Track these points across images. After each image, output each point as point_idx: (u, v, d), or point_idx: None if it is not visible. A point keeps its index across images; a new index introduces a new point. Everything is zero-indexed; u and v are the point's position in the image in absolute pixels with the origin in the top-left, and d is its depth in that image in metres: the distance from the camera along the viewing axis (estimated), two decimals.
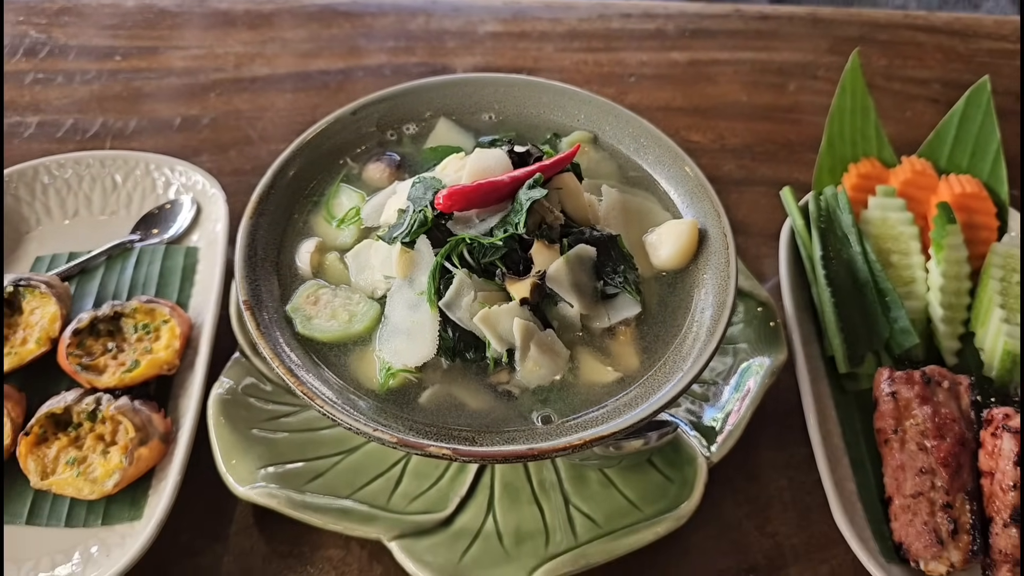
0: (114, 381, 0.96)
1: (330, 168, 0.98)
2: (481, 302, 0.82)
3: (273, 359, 0.79)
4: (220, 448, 0.91)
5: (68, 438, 0.93)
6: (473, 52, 1.44)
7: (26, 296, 1.02)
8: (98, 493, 0.90)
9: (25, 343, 1.00)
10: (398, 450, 0.77)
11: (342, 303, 0.86)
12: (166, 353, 0.97)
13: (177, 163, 1.16)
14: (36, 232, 1.16)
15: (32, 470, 0.90)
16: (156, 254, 1.12)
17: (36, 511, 0.92)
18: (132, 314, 1.01)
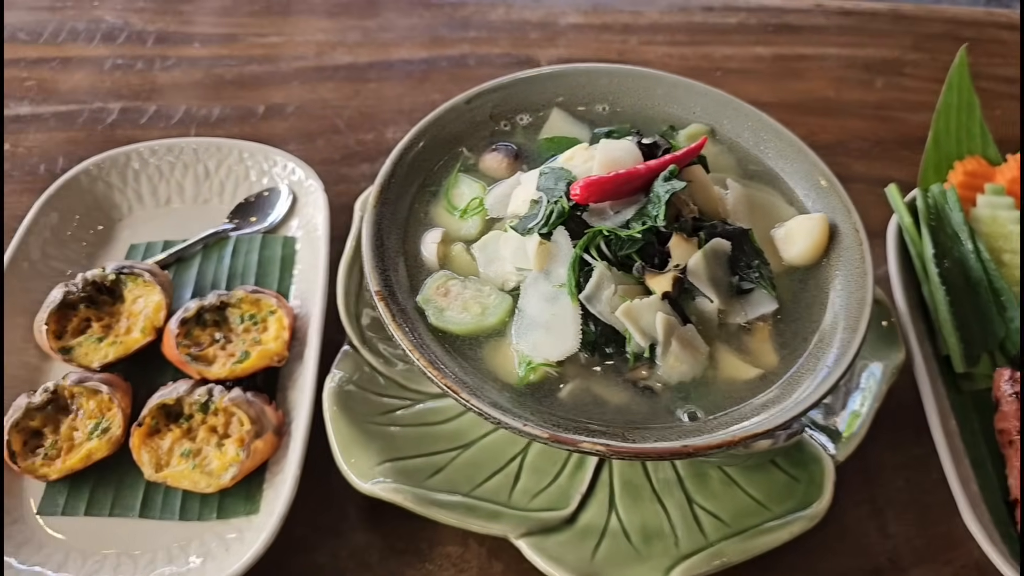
0: (224, 372, 0.94)
1: (446, 157, 0.96)
2: (621, 295, 0.80)
3: (412, 351, 0.77)
4: (338, 442, 0.88)
5: (181, 430, 0.91)
6: (556, 44, 1.42)
7: (128, 284, 1.00)
8: (214, 486, 0.87)
9: (129, 332, 0.98)
10: (550, 446, 0.75)
11: (473, 295, 0.84)
12: (275, 344, 0.95)
13: (272, 151, 1.14)
14: (128, 220, 1.14)
15: (146, 462, 0.88)
16: (253, 243, 1.10)
17: (149, 504, 0.90)
18: (238, 304, 0.99)
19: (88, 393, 0.92)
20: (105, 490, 0.91)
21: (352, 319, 0.98)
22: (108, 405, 0.92)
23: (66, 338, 0.97)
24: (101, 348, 0.96)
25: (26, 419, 0.91)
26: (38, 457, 0.90)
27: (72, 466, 0.89)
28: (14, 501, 0.89)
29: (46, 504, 0.90)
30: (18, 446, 0.90)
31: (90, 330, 0.98)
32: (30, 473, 0.88)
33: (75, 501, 0.90)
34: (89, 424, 0.91)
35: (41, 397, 0.91)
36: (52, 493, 0.90)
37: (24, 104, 1.30)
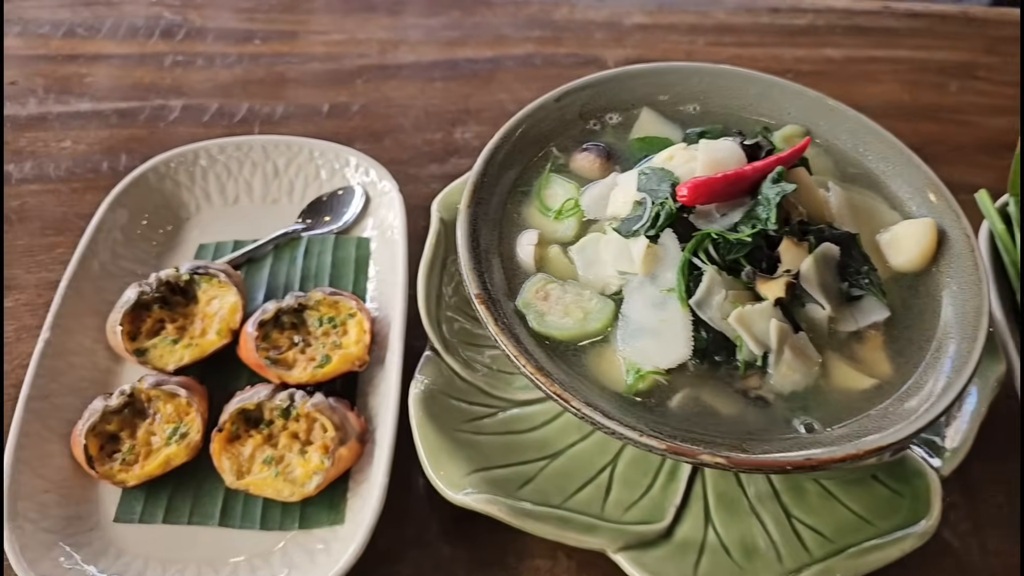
0: (305, 377, 0.90)
1: (536, 157, 0.93)
2: (732, 301, 0.76)
3: (518, 357, 0.74)
4: (426, 451, 0.85)
5: (261, 436, 0.88)
6: (623, 44, 1.39)
7: (202, 284, 0.97)
8: (299, 495, 0.84)
9: (204, 334, 0.95)
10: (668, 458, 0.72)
11: (573, 299, 0.81)
12: (357, 348, 0.92)
13: (344, 150, 1.11)
14: (196, 219, 1.11)
15: (227, 469, 0.85)
16: (326, 244, 1.07)
17: (228, 512, 0.87)
18: (316, 306, 0.96)
19: (165, 397, 0.89)
20: (183, 497, 0.88)
21: (433, 323, 0.95)
22: (186, 409, 0.89)
23: (140, 340, 0.94)
24: (176, 350, 0.93)
25: (103, 423, 0.88)
26: (115, 462, 0.87)
27: (150, 472, 0.86)
28: (89, 507, 0.86)
29: (123, 511, 0.87)
30: (95, 450, 0.87)
31: (164, 332, 0.95)
32: (107, 479, 0.85)
33: (153, 508, 0.87)
34: (167, 429, 0.88)
35: (118, 400, 0.89)
36: (128, 499, 0.87)
37: (84, 100, 1.27)
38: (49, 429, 0.89)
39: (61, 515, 0.84)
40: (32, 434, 0.87)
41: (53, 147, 1.21)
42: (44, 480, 0.86)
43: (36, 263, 1.08)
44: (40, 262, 1.08)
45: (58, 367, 0.93)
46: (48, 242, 1.10)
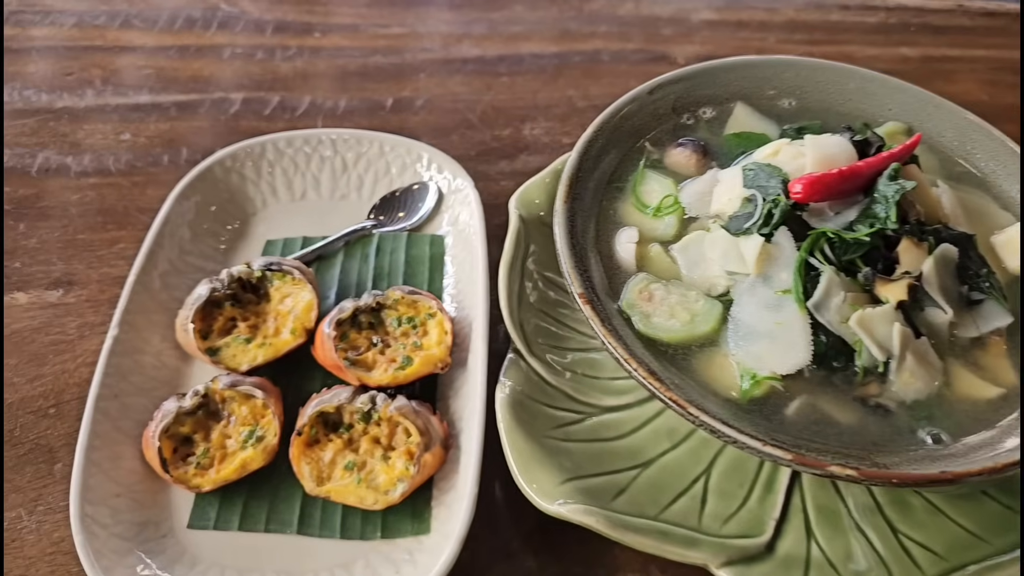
0: (386, 379, 0.86)
1: (629, 152, 0.89)
2: (851, 304, 0.72)
3: (628, 360, 0.70)
4: (515, 458, 0.81)
5: (342, 440, 0.83)
6: (692, 40, 1.35)
7: (274, 282, 0.93)
8: (382, 503, 0.80)
9: (278, 333, 0.91)
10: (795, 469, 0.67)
11: (678, 300, 0.77)
12: (439, 350, 0.88)
13: (416, 145, 1.07)
14: (263, 214, 1.07)
15: (307, 475, 0.81)
16: (398, 242, 1.03)
17: (307, 520, 0.83)
18: (394, 306, 0.92)
19: (241, 398, 0.85)
20: (259, 503, 0.84)
21: (516, 324, 0.90)
22: (262, 412, 0.85)
23: (212, 338, 0.90)
24: (249, 350, 0.89)
25: (176, 425, 0.84)
26: (189, 466, 0.83)
27: (226, 476, 0.82)
28: (162, 513, 0.83)
29: (197, 517, 0.83)
30: (168, 453, 0.83)
31: (236, 330, 0.91)
32: (182, 483, 0.81)
33: (228, 514, 0.83)
34: (243, 432, 0.84)
35: (192, 401, 0.85)
36: (202, 505, 0.83)
37: (143, 93, 1.24)
38: (119, 430, 0.85)
39: (134, 520, 0.81)
40: (103, 435, 0.83)
41: (112, 139, 1.18)
42: (115, 483, 0.82)
43: (97, 258, 1.04)
44: (102, 257, 1.05)
45: (127, 365, 0.89)
46: (109, 236, 1.07)
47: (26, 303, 1.00)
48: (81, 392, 0.92)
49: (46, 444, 0.88)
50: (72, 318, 0.99)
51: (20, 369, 0.94)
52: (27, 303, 1.00)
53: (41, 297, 1.01)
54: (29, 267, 1.04)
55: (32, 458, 0.87)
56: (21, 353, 0.96)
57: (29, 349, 0.96)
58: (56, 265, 1.04)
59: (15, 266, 1.04)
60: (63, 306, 1.00)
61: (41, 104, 1.23)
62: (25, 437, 0.89)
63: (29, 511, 0.84)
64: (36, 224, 1.08)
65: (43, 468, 0.87)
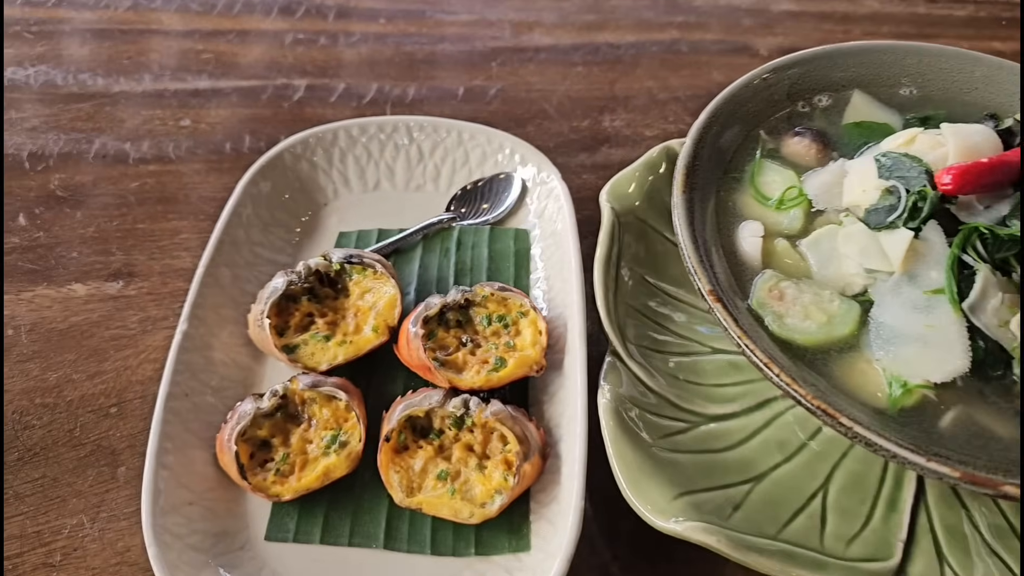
0: (479, 381, 0.80)
1: (744, 141, 0.82)
2: (1009, 306, 0.65)
3: (768, 364, 0.63)
4: (623, 470, 0.74)
5: (433, 447, 0.77)
6: (774, 32, 1.28)
7: (353, 275, 0.87)
8: (479, 516, 0.73)
9: (359, 331, 0.84)
10: (962, 487, 0.60)
11: (812, 300, 0.70)
12: (534, 351, 0.81)
13: (497, 134, 1.01)
14: (334, 205, 1.01)
15: (396, 484, 0.75)
16: (480, 236, 0.97)
17: (394, 533, 0.76)
18: (483, 303, 0.85)
19: (322, 400, 0.79)
20: (341, 514, 0.77)
21: (615, 326, 0.84)
22: (345, 415, 0.79)
23: (288, 335, 0.84)
24: (329, 348, 0.83)
25: (253, 427, 0.78)
26: (268, 473, 0.76)
27: (308, 485, 0.76)
28: (237, 523, 0.76)
29: (275, 528, 0.76)
30: (245, 458, 0.76)
31: (314, 327, 0.84)
32: (261, 491, 0.75)
33: (308, 526, 0.76)
34: (325, 436, 0.78)
35: (270, 402, 0.78)
36: (280, 516, 0.77)
37: (203, 78, 1.18)
38: (190, 432, 0.79)
39: (208, 531, 0.74)
40: (173, 437, 0.77)
41: (171, 126, 1.12)
42: (188, 490, 0.76)
43: (159, 248, 0.98)
44: (163, 248, 0.99)
45: (197, 363, 0.83)
46: (171, 226, 1.01)
47: (85, 295, 0.94)
48: (144, 391, 0.86)
49: (108, 446, 0.82)
50: (133, 312, 0.93)
51: (80, 365, 0.88)
52: (86, 295, 0.94)
53: (100, 289, 0.95)
54: (87, 257, 0.98)
55: (94, 460, 0.81)
56: (80, 348, 0.90)
57: (89, 344, 0.90)
58: (115, 255, 0.98)
59: (72, 256, 0.98)
60: (123, 299, 0.94)
61: (97, 88, 1.17)
62: (86, 437, 0.83)
63: (92, 518, 0.77)
64: (94, 212, 1.02)
65: (106, 472, 0.81)
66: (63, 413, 0.84)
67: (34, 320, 0.91)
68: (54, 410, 0.84)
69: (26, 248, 0.98)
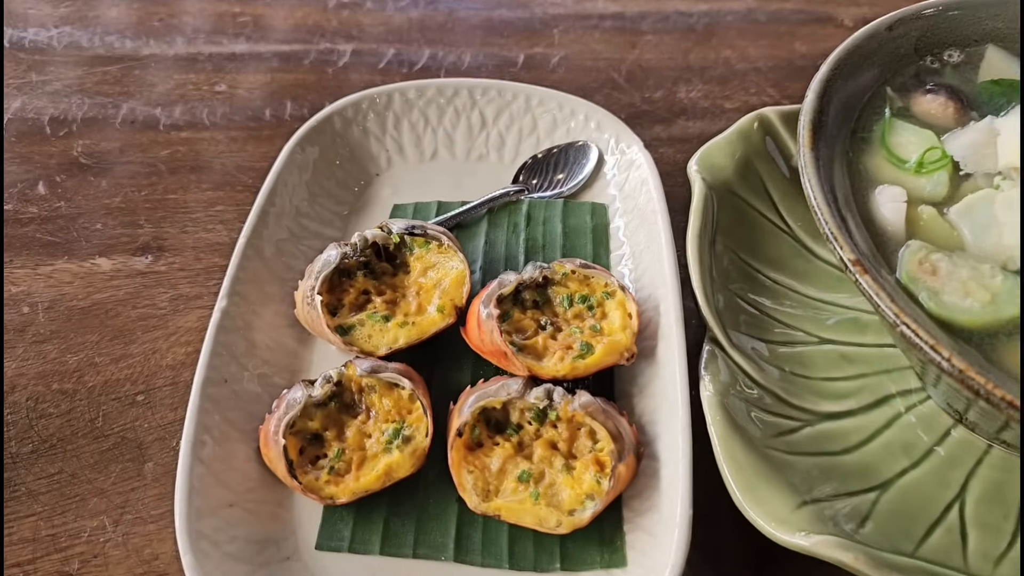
0: (564, 369, 0.69)
1: (871, 98, 0.71)
2: None
3: (935, 346, 0.52)
4: (734, 473, 0.63)
5: (512, 444, 0.66)
6: (858, 2, 1.17)
7: (414, 249, 0.76)
8: (568, 525, 0.63)
9: (422, 311, 0.74)
10: None
11: (970, 275, 0.59)
12: (624, 336, 0.70)
13: (570, 99, 0.91)
14: (388, 175, 0.91)
15: (470, 487, 0.64)
16: (552, 210, 0.86)
17: (465, 544, 0.66)
18: (563, 282, 0.74)
19: (383, 388, 0.68)
20: (403, 521, 0.67)
21: (713, 309, 0.73)
22: (409, 406, 0.68)
23: (342, 314, 0.73)
24: (389, 330, 0.72)
25: (304, 419, 0.67)
26: (321, 471, 0.66)
27: (367, 486, 0.65)
28: (284, 529, 0.66)
29: (327, 536, 0.66)
30: (294, 454, 0.66)
31: (371, 306, 0.74)
32: (313, 492, 0.64)
33: (365, 534, 0.66)
34: (386, 430, 0.67)
35: (323, 389, 0.68)
36: (333, 521, 0.67)
37: (240, 41, 1.08)
38: (230, 423, 0.68)
39: (250, 537, 0.64)
40: (211, 428, 0.67)
41: (206, 91, 1.02)
42: (228, 490, 0.65)
43: (192, 221, 0.88)
44: (196, 220, 0.88)
45: (237, 345, 0.72)
46: (205, 197, 0.91)
47: (110, 270, 0.84)
48: (175, 376, 0.76)
49: (134, 438, 0.72)
50: (163, 289, 0.83)
51: (103, 347, 0.78)
52: (111, 270, 0.84)
53: (127, 264, 0.85)
54: (113, 229, 0.88)
55: (118, 455, 0.71)
56: (104, 328, 0.79)
57: (114, 324, 0.80)
58: (144, 228, 0.88)
59: (96, 227, 0.88)
60: (152, 275, 0.84)
61: (125, 51, 1.07)
62: (109, 428, 0.73)
63: (114, 520, 0.67)
64: (120, 181, 0.92)
65: (131, 468, 0.70)
66: (84, 401, 0.74)
67: (53, 297, 0.81)
68: (73, 397, 0.74)
69: (46, 219, 0.88)
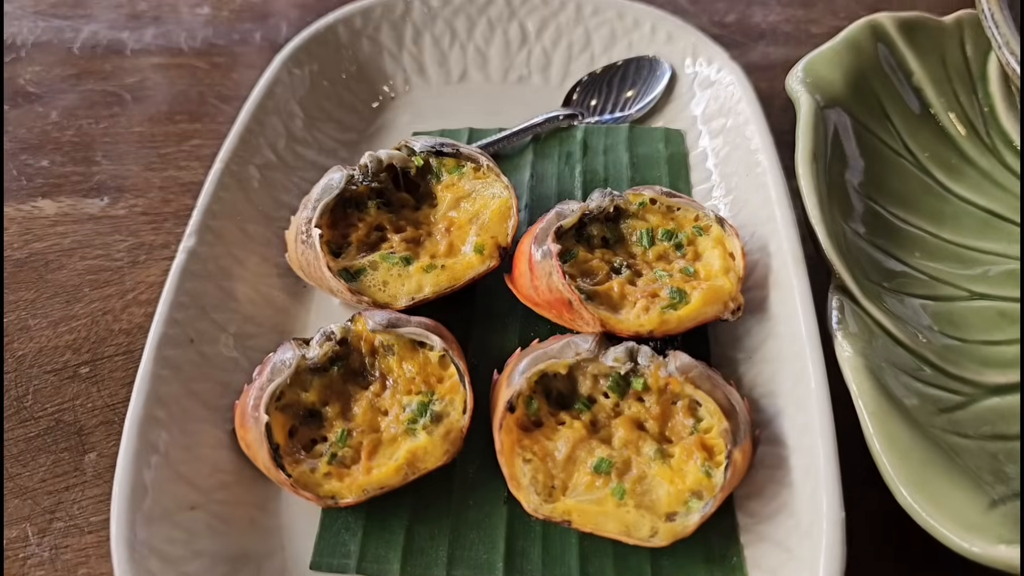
0: (651, 323, 0.50)
1: None
2: None
3: None
4: (894, 462, 0.45)
5: (582, 424, 0.47)
6: None
7: (443, 175, 0.58)
8: (666, 535, 0.44)
9: (454, 252, 0.55)
10: None
11: None
12: (727, 281, 0.51)
13: (632, 6, 0.73)
14: (406, 99, 0.73)
15: (527, 482, 0.45)
16: (615, 136, 0.68)
17: (519, 562, 0.47)
18: (640, 214, 0.56)
19: (404, 348, 0.50)
20: (432, 530, 0.48)
21: (839, 250, 0.54)
22: (439, 372, 0.50)
23: (348, 255, 0.55)
24: (411, 275, 0.53)
25: (295, 389, 0.48)
26: (318, 460, 0.47)
27: (383, 480, 0.46)
28: (267, 541, 0.47)
29: (326, 550, 0.47)
30: (282, 437, 0.47)
31: (386, 245, 0.55)
32: (308, 490, 0.45)
33: (381, 548, 0.47)
34: (409, 404, 0.48)
35: (322, 350, 0.49)
36: (335, 530, 0.48)
37: None
38: (195, 397, 0.50)
39: (220, 553, 0.45)
40: (170, 402, 0.48)
41: (185, 12, 0.85)
42: (189, 487, 0.47)
43: (161, 158, 0.71)
44: (166, 156, 0.71)
45: (208, 295, 0.54)
46: (178, 131, 0.73)
47: (54, 215, 0.66)
48: (130, 344, 0.58)
49: (73, 422, 0.54)
50: (120, 237, 0.65)
51: (39, 307, 0.60)
52: (55, 215, 0.66)
53: (76, 207, 0.67)
54: (61, 167, 0.70)
55: (50, 443, 0.53)
56: (43, 284, 0.62)
57: (55, 279, 0.62)
58: (100, 164, 0.70)
59: (42, 164, 0.70)
60: (108, 220, 0.66)
61: None
62: (41, 409, 0.54)
63: (40, 529, 0.49)
64: (75, 112, 0.74)
65: (66, 460, 0.52)
66: (10, 374, 0.57)
67: None
68: None
69: None
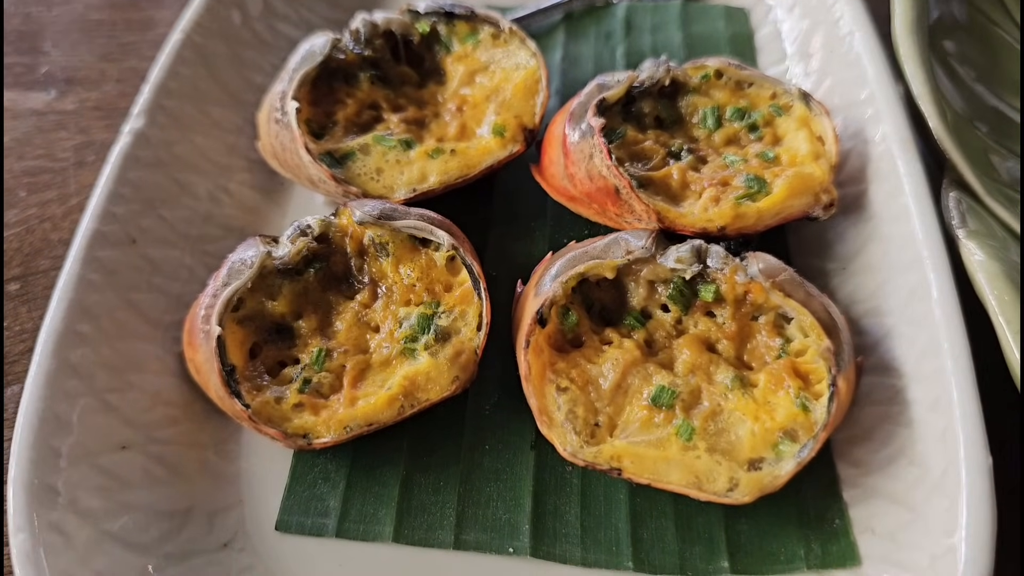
0: (722, 217, 0.39)
1: None
2: None
3: None
4: None
5: (634, 343, 0.35)
6: None
7: (454, 44, 0.46)
8: (750, 487, 0.33)
9: (467, 135, 0.44)
10: None
11: None
12: (817, 168, 0.39)
13: None
14: None
15: (562, 418, 0.34)
16: (664, 14, 0.57)
17: (549, 525, 0.36)
18: (703, 89, 0.43)
19: (401, 247, 0.38)
20: (436, 483, 0.37)
21: (954, 138, 0.42)
22: (446, 278, 0.38)
23: (334, 136, 0.43)
24: (412, 161, 0.41)
25: (258, 296, 0.37)
26: (288, 387, 0.35)
27: (371, 415, 0.36)
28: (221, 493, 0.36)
29: (297, 503, 0.37)
30: (239, 357, 0.36)
31: (381, 126, 0.43)
32: (273, 425, 0.34)
33: (368, 505, 0.37)
34: (408, 317, 0.37)
35: (294, 248, 0.37)
36: (309, 478, 0.38)
37: None
38: (133, 308, 0.39)
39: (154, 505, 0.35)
40: (99, 315, 0.37)
41: None
42: (120, 420, 0.36)
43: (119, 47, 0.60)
44: (126, 46, 0.60)
45: (156, 187, 0.43)
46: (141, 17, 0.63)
47: None
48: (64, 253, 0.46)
49: None
50: (68, 134, 0.54)
51: None
52: None
53: (18, 102, 0.56)
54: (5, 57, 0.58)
55: None
56: None
57: None
58: (49, 54, 0.59)
59: None
60: (54, 115, 0.55)
61: None
62: None
63: None
64: None
65: None
66: None
67: None
68: None
69: None
